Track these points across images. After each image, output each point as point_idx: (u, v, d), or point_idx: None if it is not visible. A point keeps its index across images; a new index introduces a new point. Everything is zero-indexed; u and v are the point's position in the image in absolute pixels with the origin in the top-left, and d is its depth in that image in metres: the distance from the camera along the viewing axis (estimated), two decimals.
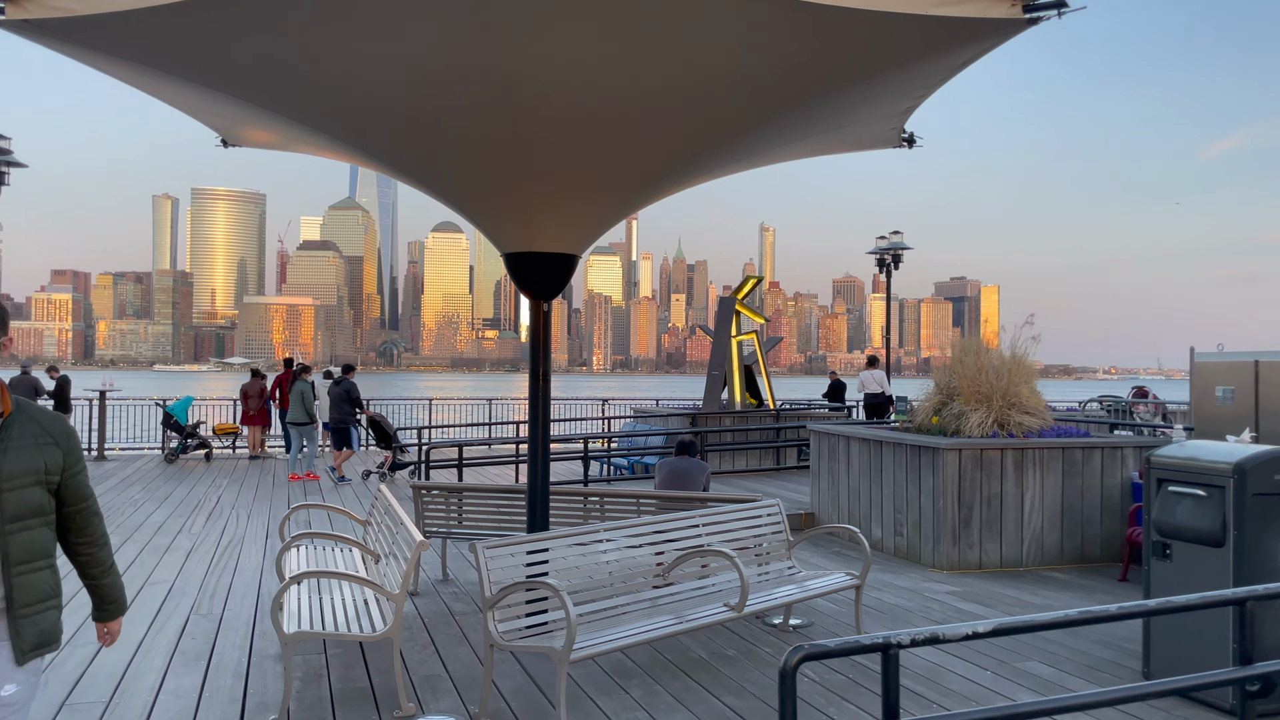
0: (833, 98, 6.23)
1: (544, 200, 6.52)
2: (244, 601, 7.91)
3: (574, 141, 6.10)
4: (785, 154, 7.74)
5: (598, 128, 6.02)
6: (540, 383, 6.99)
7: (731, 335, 17.29)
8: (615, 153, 6.31)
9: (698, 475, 8.46)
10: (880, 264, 22.91)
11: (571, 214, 6.69)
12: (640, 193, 6.74)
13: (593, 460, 16.05)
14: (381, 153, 6.66)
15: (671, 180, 6.82)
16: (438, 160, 6.43)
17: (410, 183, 7.02)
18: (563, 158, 6.22)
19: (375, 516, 7.74)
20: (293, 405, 16.35)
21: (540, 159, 6.20)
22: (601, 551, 5.97)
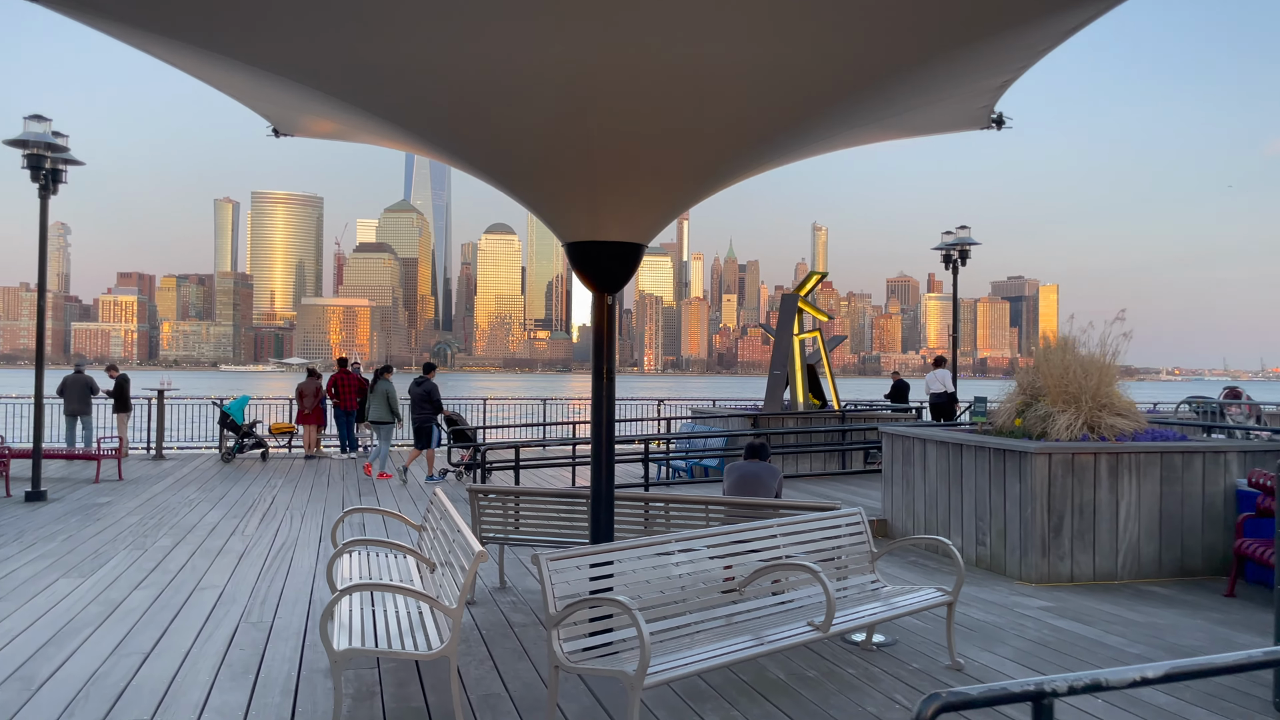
0: (924, 71, 5.69)
1: (610, 186, 6.08)
2: (295, 609, 7.59)
3: (645, 123, 5.65)
4: (866, 135, 7.20)
5: (670, 108, 5.57)
6: (604, 381, 6.55)
7: (793, 333, 16.70)
8: (687, 134, 5.84)
9: (770, 480, 7.95)
10: (946, 260, 22.08)
11: (639, 200, 6.25)
12: (713, 177, 6.26)
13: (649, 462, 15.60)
14: (442, 140, 6.26)
15: (746, 163, 6.33)
16: (500, 146, 6.02)
17: (470, 169, 6.62)
18: (632, 140, 5.77)
19: (431, 521, 7.37)
20: (376, 404, 16.54)
21: (609, 142, 5.76)
22: (673, 564, 5.50)
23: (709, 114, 5.72)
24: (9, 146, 12.89)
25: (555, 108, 5.52)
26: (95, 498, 13.54)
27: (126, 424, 19.41)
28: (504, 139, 5.95)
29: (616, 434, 22.61)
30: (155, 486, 14.79)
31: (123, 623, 7.10)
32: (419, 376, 16.88)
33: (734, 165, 6.34)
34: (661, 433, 18.07)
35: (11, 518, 11.72)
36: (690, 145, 5.95)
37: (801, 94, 5.74)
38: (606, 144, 5.79)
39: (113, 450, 15.87)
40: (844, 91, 5.77)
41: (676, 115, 5.64)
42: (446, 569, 5.89)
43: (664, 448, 16.67)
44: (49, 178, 13.12)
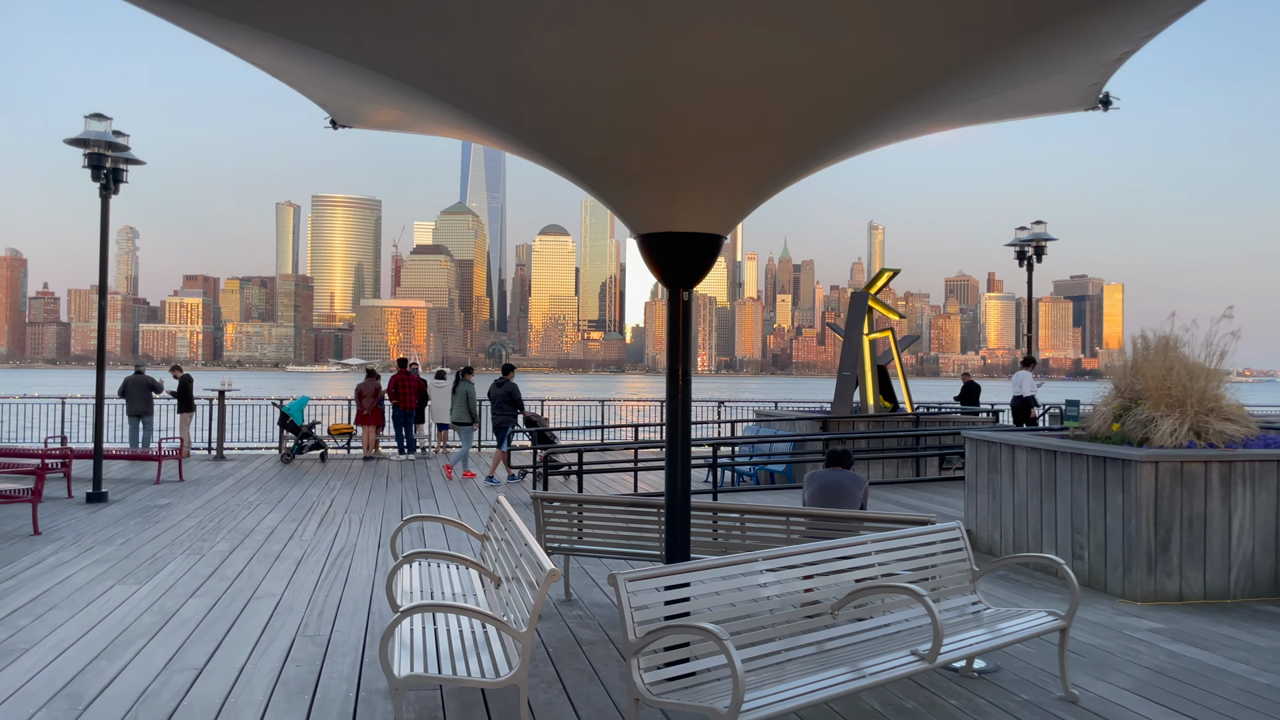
0: (1036, 43, 5.13)
1: (689, 172, 5.61)
2: (353, 621, 7.25)
3: (728, 103, 5.18)
4: (960, 117, 6.63)
5: (755, 88, 5.10)
6: (679, 383, 6.08)
7: (863, 333, 16.05)
8: (773, 116, 5.36)
9: (855, 490, 7.41)
10: (1020, 257, 21.20)
11: (720, 187, 5.77)
12: (799, 163, 5.76)
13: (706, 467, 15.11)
14: (513, 129, 5.85)
15: (835, 148, 5.82)
16: (571, 133, 5.60)
17: (538, 158, 6.20)
18: (714, 123, 5.30)
19: (494, 531, 6.97)
20: (457, 405, 16.84)
21: (689, 123, 5.30)
22: (760, 585, 5.01)
23: (794, 95, 5.24)
24: (70, 146, 12.84)
25: (632, 93, 5.09)
26: (155, 499, 13.45)
27: (189, 424, 19.46)
28: (577, 127, 5.53)
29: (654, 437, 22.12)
30: (215, 488, 14.69)
31: (177, 634, 6.82)
32: (499, 378, 16.93)
33: (822, 151, 5.84)
34: (722, 437, 17.50)
35: (72, 520, 11.63)
36: (773, 128, 5.46)
37: (896, 74, 5.23)
38: (686, 127, 5.34)
39: (174, 451, 15.84)
40: (945, 68, 5.24)
41: (757, 96, 5.17)
42: (513, 584, 5.48)
43: (727, 452, 16.13)
44: (109, 177, 13.06)
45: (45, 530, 10.82)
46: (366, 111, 6.98)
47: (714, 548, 7.36)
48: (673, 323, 6.14)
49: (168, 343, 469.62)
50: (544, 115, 5.50)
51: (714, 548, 7.36)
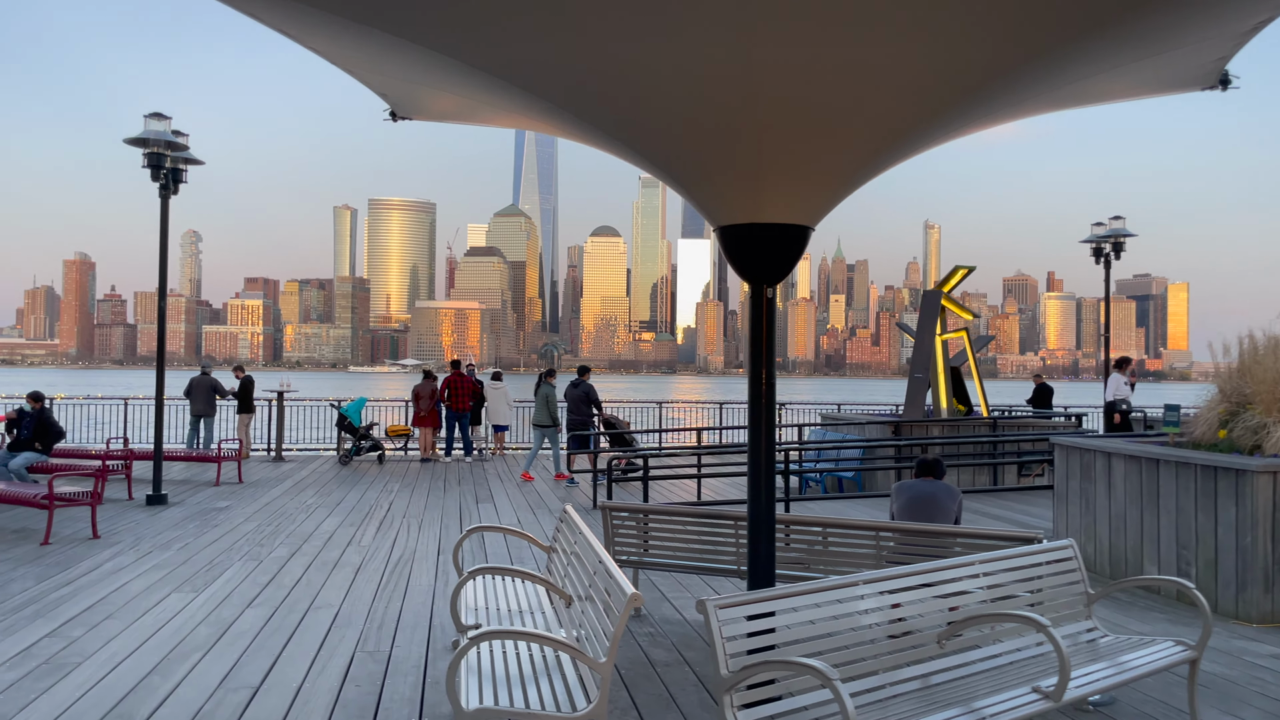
0: (1164, 11, 4.59)
1: (777, 159, 5.15)
2: (414, 636, 6.91)
3: (821, 82, 4.72)
4: (1063, 99, 6.07)
5: (850, 65, 4.63)
6: (763, 387, 5.62)
7: (936, 333, 15.38)
8: (870, 95, 4.87)
9: (948, 503, 6.87)
10: (1097, 254, 20.31)
11: (810, 175, 5.30)
12: (897, 146, 5.27)
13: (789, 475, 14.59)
14: (587, 117, 5.45)
15: (934, 130, 5.32)
16: (650, 118, 5.17)
17: (610, 147, 5.80)
18: (805, 102, 4.84)
19: (561, 543, 6.58)
20: (537, 407, 16.87)
21: (777, 106, 4.84)
22: (862, 611, 4.53)
23: (893, 74, 4.76)
24: (130, 145, 12.77)
25: (718, 76, 4.66)
26: (214, 502, 13.33)
27: (248, 425, 19.45)
28: (656, 113, 5.11)
29: (741, 441, 21.85)
30: (274, 490, 14.56)
31: (233, 647, 6.54)
32: (575, 379, 16.87)
33: (920, 134, 5.34)
34: (794, 441, 16.89)
35: (131, 523, 11.52)
36: (870, 108, 4.98)
37: (999, 52, 4.72)
38: (775, 111, 4.88)
39: (233, 452, 15.77)
40: (1060, 39, 4.72)
41: (853, 73, 4.70)
42: (586, 605, 5.06)
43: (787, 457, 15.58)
44: (169, 177, 12.96)
45: (104, 533, 10.70)
46: (429, 101, 6.64)
47: (792, 564, 6.89)
48: (756, 322, 5.68)
49: (229, 344, 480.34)
50: (625, 107, 5.09)
51: (792, 564, 6.89)
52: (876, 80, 4.78)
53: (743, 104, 4.86)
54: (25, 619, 7.17)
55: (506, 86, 5.12)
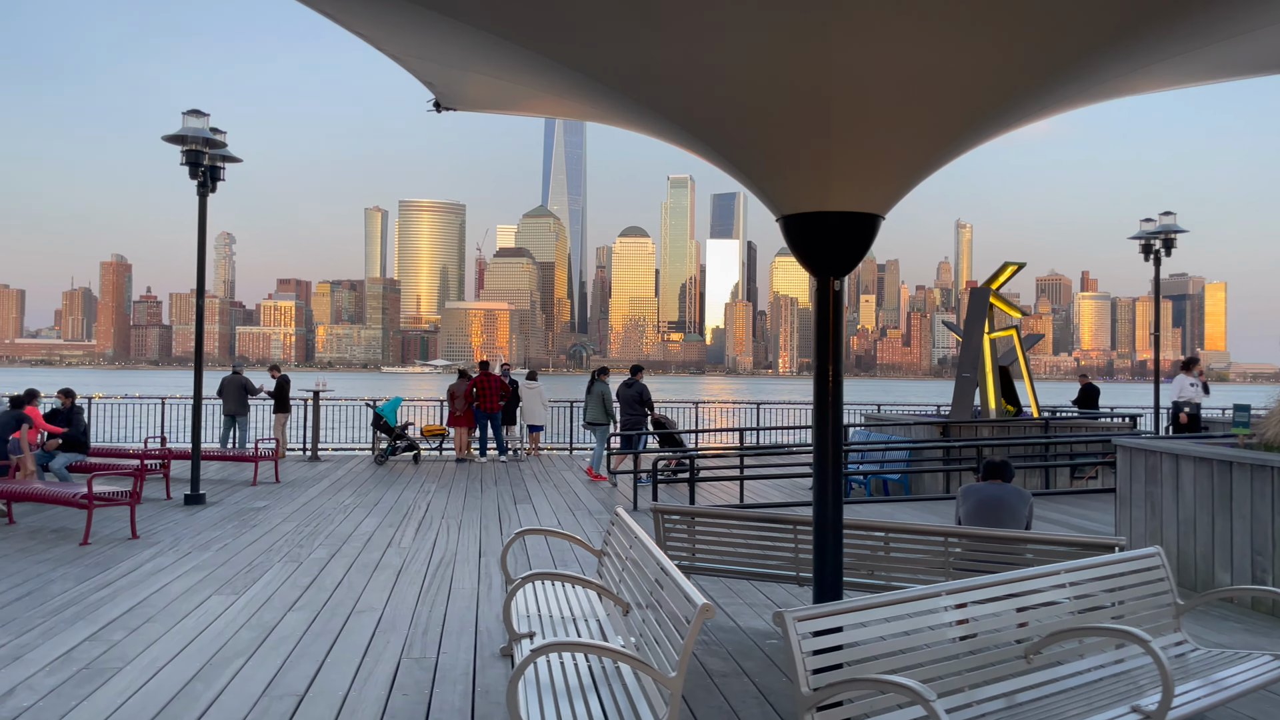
0: None
1: (847, 142, 4.87)
2: (460, 642, 6.69)
3: (898, 60, 4.44)
4: (1167, 75, 5.73)
5: (929, 36, 4.34)
6: (829, 385, 5.34)
7: (985, 332, 14.97)
8: (951, 74, 4.58)
9: (1019, 507, 6.55)
10: (1146, 251, 19.76)
11: (882, 159, 5.01)
12: (978, 127, 4.97)
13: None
14: (642, 99, 5.19)
15: (1020, 110, 5.01)
16: (715, 103, 4.91)
17: (667, 132, 5.54)
18: (881, 82, 4.56)
19: (613, 547, 6.33)
20: (591, 405, 16.91)
21: (848, 86, 4.57)
22: (947, 623, 4.24)
23: (974, 55, 4.47)
24: (168, 143, 12.69)
25: (782, 50, 4.39)
26: (252, 502, 13.23)
27: (284, 425, 19.40)
28: (716, 95, 4.85)
29: (782, 442, 21.42)
30: (311, 490, 14.45)
31: (276, 652, 6.35)
32: (628, 379, 16.85)
33: (1006, 111, 5.02)
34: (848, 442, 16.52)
35: (170, 523, 11.43)
36: (950, 85, 4.68)
37: (1093, 22, 4.42)
38: (845, 91, 4.61)
39: (270, 452, 15.68)
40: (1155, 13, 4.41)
41: (930, 45, 4.41)
42: (647, 614, 4.81)
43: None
44: (207, 175, 12.87)
45: (143, 534, 10.60)
46: (478, 89, 6.43)
47: (851, 570, 6.59)
48: (822, 316, 5.39)
49: (262, 345, 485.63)
50: (691, 92, 4.84)
51: (851, 570, 6.59)
52: (958, 58, 4.50)
53: (814, 86, 4.60)
54: (65, 621, 7.03)
55: (567, 73, 4.88)
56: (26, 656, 6.18)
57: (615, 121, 6.02)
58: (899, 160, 5.05)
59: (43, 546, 9.83)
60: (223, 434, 18.80)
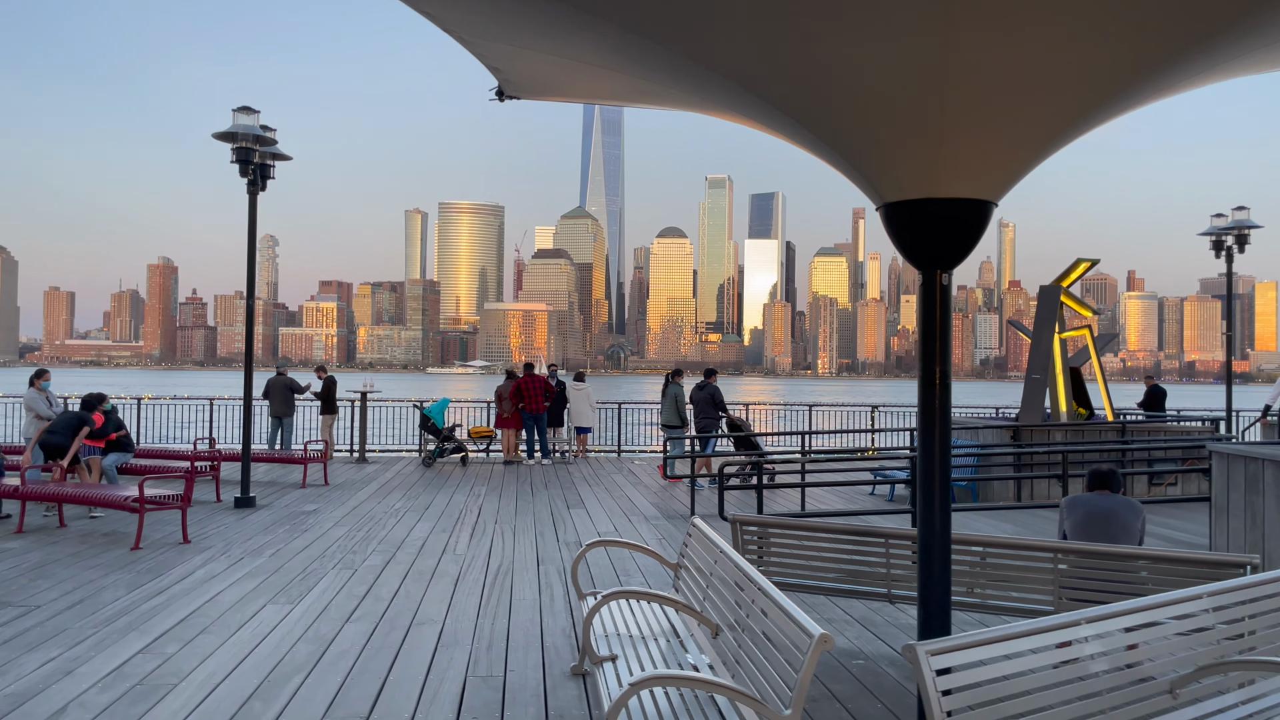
0: None
1: (960, 120, 4.42)
2: (527, 658, 6.33)
3: (1020, 27, 3.99)
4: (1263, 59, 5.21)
5: (1054, 12, 3.91)
6: (936, 389, 4.89)
7: (1055, 332, 14.35)
8: (1081, 38, 4.13)
9: (1132, 521, 6.04)
10: (1217, 247, 18.98)
11: (998, 139, 4.55)
12: (1108, 101, 4.49)
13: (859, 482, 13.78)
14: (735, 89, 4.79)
15: (1159, 81, 4.53)
16: (811, 83, 4.49)
17: (741, 113, 5.12)
18: (1002, 51, 4.12)
19: (690, 560, 5.94)
20: (666, 408, 16.93)
21: (965, 57, 4.13)
22: (1089, 656, 3.78)
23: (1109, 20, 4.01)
24: (218, 141, 12.51)
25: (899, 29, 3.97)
26: (302, 505, 13.02)
27: (332, 426, 19.25)
28: (819, 71, 4.43)
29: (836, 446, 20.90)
30: (360, 493, 14.22)
31: (336, 669, 6.03)
32: (701, 381, 16.74)
33: (1142, 85, 4.55)
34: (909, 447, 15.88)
35: (220, 526, 11.22)
36: (1080, 55, 4.22)
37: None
38: (961, 63, 4.17)
39: (318, 453, 15.49)
40: None
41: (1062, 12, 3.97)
42: (742, 637, 4.40)
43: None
44: (257, 173, 12.69)
45: (194, 538, 10.40)
46: (549, 75, 6.07)
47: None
48: (928, 313, 4.94)
49: (305, 346, 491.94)
50: (793, 75, 4.43)
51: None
52: (1089, 22, 4.04)
53: (928, 60, 4.16)
54: (118, 632, 6.78)
55: (663, 54, 4.49)
56: (78, 671, 5.91)
57: (697, 107, 5.62)
58: (1018, 140, 4.59)
59: (94, 551, 9.65)
60: (269, 435, 18.69)
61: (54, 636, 6.64)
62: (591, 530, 11.35)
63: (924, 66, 4.22)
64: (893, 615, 7.56)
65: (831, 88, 4.51)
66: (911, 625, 7.30)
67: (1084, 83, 4.40)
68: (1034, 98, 4.39)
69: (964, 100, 4.34)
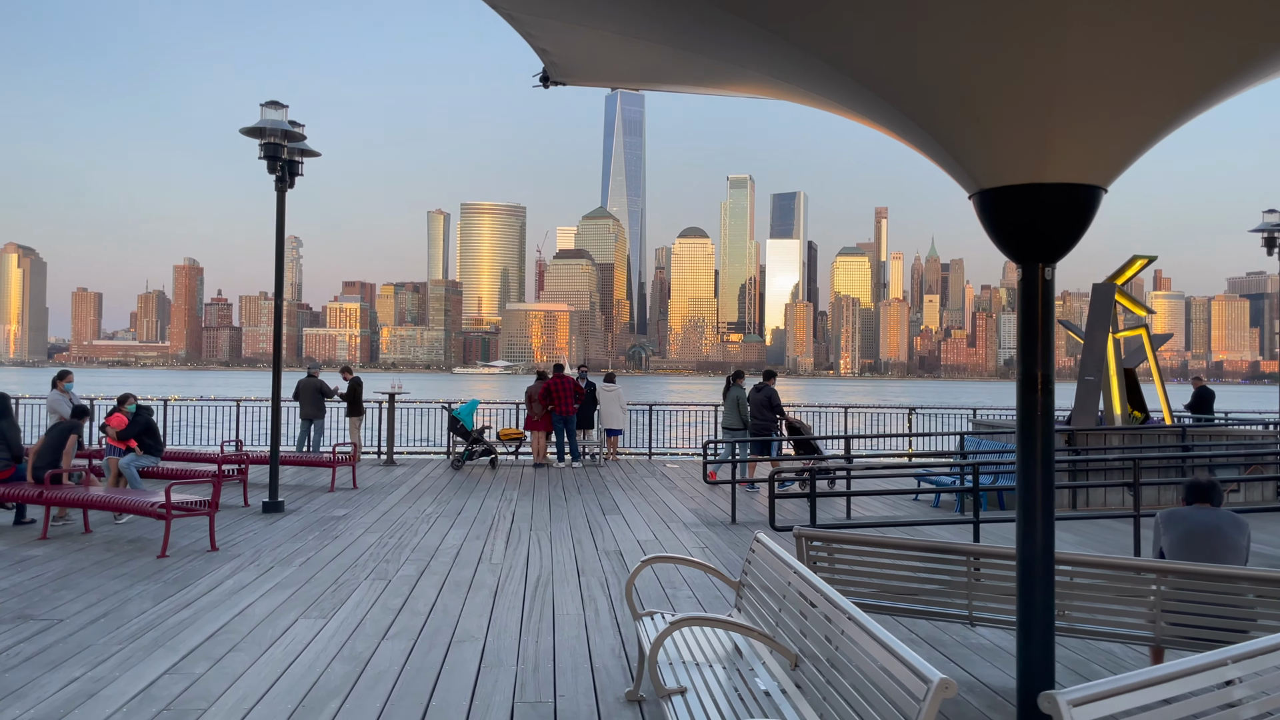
0: None
1: (1073, 95, 3.96)
2: (577, 681, 5.91)
3: None
4: None
5: None
6: (1038, 394, 4.43)
7: (1109, 332, 13.78)
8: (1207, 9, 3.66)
9: (1238, 538, 5.54)
10: (1270, 244, 18.33)
11: (1113, 117, 4.09)
12: (1243, 70, 4.02)
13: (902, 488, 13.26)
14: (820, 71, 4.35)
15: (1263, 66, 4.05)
16: (912, 60, 4.05)
17: (829, 98, 4.67)
18: (1122, 15, 3.66)
19: (755, 578, 5.50)
20: (728, 410, 16.62)
21: (1083, 23, 3.68)
22: (1234, 702, 3.31)
23: None
24: (246, 136, 12.19)
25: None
26: (331, 509, 12.67)
27: (359, 428, 18.94)
28: (920, 55, 3.98)
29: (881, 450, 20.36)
30: (390, 497, 13.87)
31: (374, 693, 5.64)
32: (758, 383, 16.46)
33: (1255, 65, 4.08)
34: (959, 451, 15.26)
35: (249, 532, 10.89)
36: (1212, 22, 3.76)
37: None
38: (1080, 26, 3.71)
39: (346, 456, 15.17)
40: None
41: None
42: (831, 672, 3.95)
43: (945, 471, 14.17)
44: (285, 169, 12.36)
45: (222, 545, 10.06)
46: (604, 60, 5.66)
47: None
48: (1028, 311, 4.47)
49: (328, 346, 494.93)
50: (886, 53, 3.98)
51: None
52: None
53: (1040, 31, 3.71)
54: (144, 649, 6.42)
55: (755, 33, 4.06)
56: (102, 693, 5.55)
57: (764, 88, 5.18)
58: (1135, 117, 4.12)
59: (119, 559, 9.33)
60: (298, 438, 18.41)
61: (77, 654, 6.29)
62: (630, 538, 10.93)
63: (1036, 41, 3.77)
64: (960, 634, 7.09)
65: (931, 64, 4.06)
66: (983, 645, 6.83)
67: (1207, 58, 3.92)
68: (1154, 74, 3.92)
69: (1082, 73, 3.88)
